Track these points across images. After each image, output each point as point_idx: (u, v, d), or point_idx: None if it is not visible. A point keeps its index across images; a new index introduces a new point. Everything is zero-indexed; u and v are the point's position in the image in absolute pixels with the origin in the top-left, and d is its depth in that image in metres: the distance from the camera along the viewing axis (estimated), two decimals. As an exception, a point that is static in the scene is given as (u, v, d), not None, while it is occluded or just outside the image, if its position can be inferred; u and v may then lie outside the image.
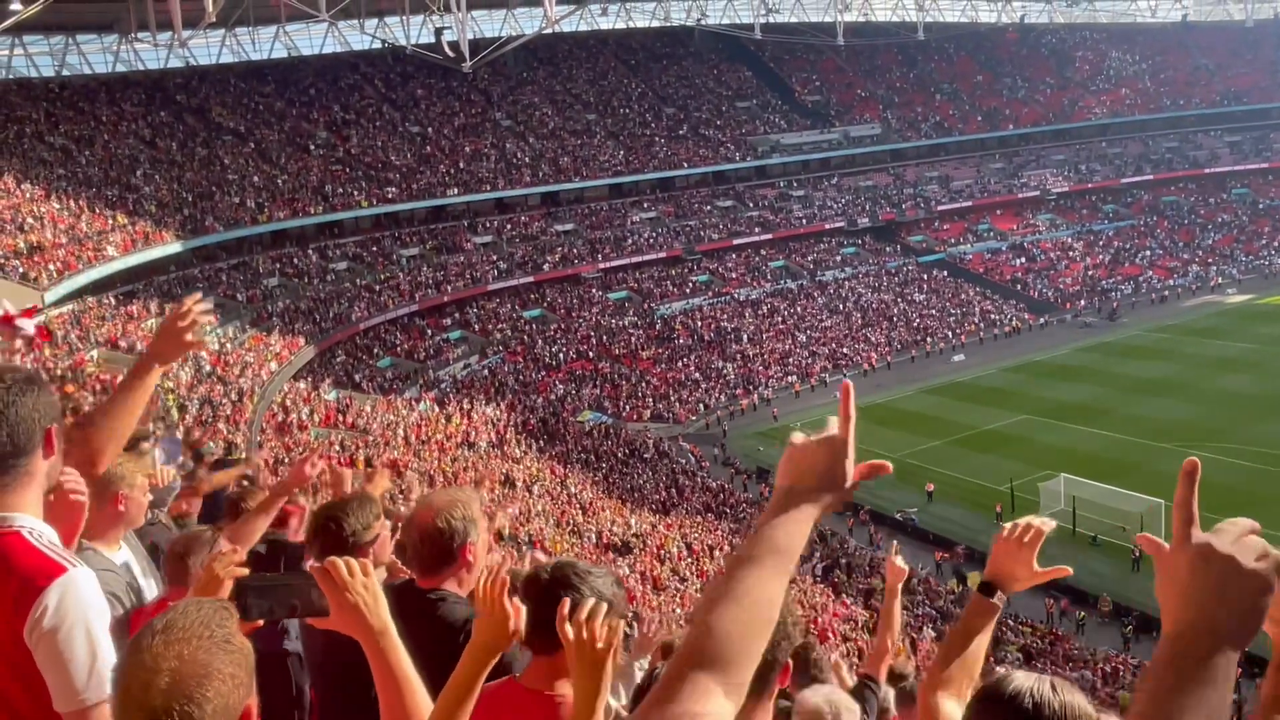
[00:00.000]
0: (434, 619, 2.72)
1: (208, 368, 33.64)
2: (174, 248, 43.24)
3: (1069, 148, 77.37)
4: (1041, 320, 59.50)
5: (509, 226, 60.31)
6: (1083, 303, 62.07)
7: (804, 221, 66.84)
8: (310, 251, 52.50)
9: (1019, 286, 63.95)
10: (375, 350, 47.76)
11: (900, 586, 4.63)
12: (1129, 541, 28.95)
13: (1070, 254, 68.34)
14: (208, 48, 61.77)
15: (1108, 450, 37.16)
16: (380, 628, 2.07)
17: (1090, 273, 66.06)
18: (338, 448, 32.15)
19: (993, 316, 59.78)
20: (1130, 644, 25.21)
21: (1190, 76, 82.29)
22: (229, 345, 37.71)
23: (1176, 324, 56.09)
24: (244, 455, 21.08)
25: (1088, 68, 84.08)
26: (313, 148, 58.58)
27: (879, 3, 77.05)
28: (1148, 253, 68.52)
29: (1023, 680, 1.66)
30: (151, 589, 2.72)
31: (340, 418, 36.06)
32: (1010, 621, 26.36)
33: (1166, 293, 63.13)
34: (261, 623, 2.09)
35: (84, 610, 2.13)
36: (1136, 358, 49.90)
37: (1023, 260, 67.27)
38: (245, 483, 8.18)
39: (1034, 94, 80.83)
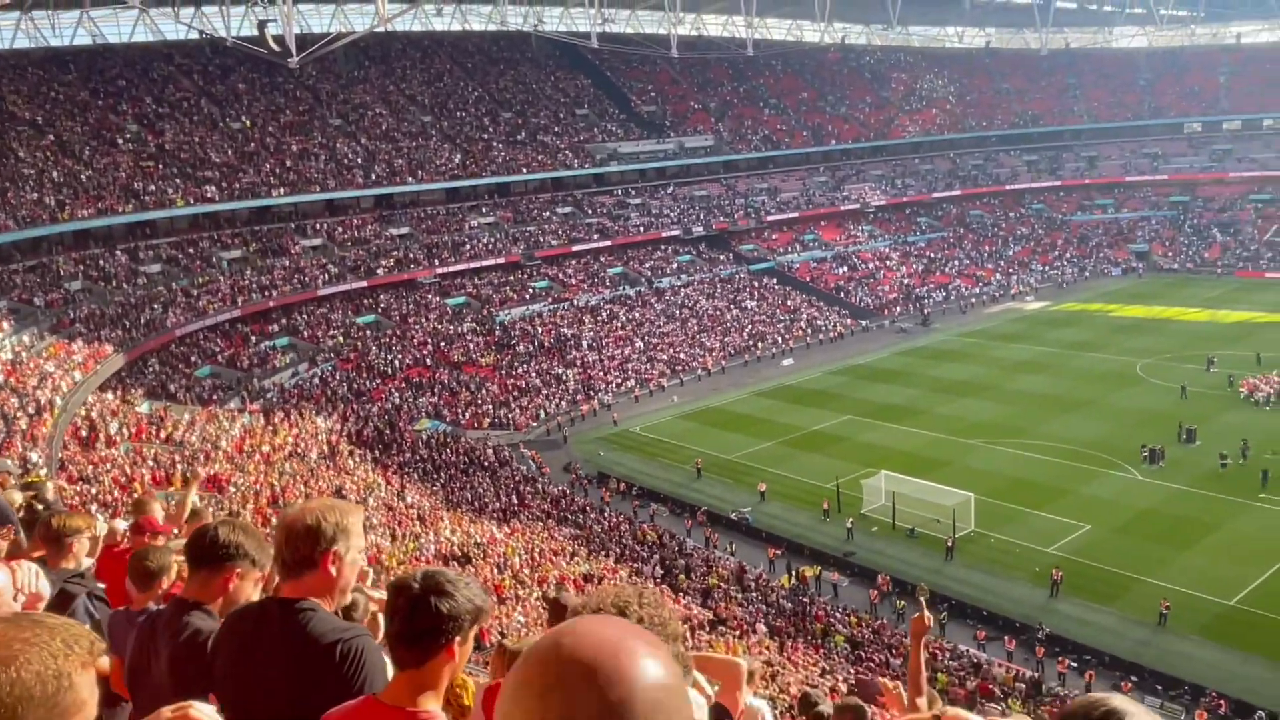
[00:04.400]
0: (301, 634, 2.49)
1: (0, 378, 30.78)
2: (-41, 247, 39.36)
3: (886, 163, 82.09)
4: (862, 325, 62.73)
5: (340, 229, 58.22)
6: (899, 309, 65.87)
7: (641, 229, 67.89)
8: (119, 253, 48.93)
9: (842, 294, 67.19)
10: (193, 359, 45.00)
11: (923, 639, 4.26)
12: (942, 533, 30.90)
13: (887, 263, 72.41)
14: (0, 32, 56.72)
15: (923, 448, 39.43)
16: None
17: (905, 281, 70.20)
18: (151, 463, 30.13)
19: (818, 322, 62.53)
20: (945, 629, 26.90)
21: (993, 99, 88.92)
22: (24, 354, 34.61)
23: (982, 329, 60.29)
24: (44, 473, 19.46)
25: (902, 88, 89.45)
26: (121, 141, 54.64)
27: (710, 18, 79.52)
28: (956, 263, 73.49)
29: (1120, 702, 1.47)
30: None
31: (153, 431, 33.76)
32: (838, 614, 27.63)
33: (973, 300, 67.87)
34: None
35: None
36: (947, 361, 53.26)
37: (845, 269, 70.72)
38: (36, 502, 7.46)
39: (854, 112, 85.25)
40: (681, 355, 55.82)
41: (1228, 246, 73.53)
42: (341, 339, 50.87)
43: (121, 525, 6.72)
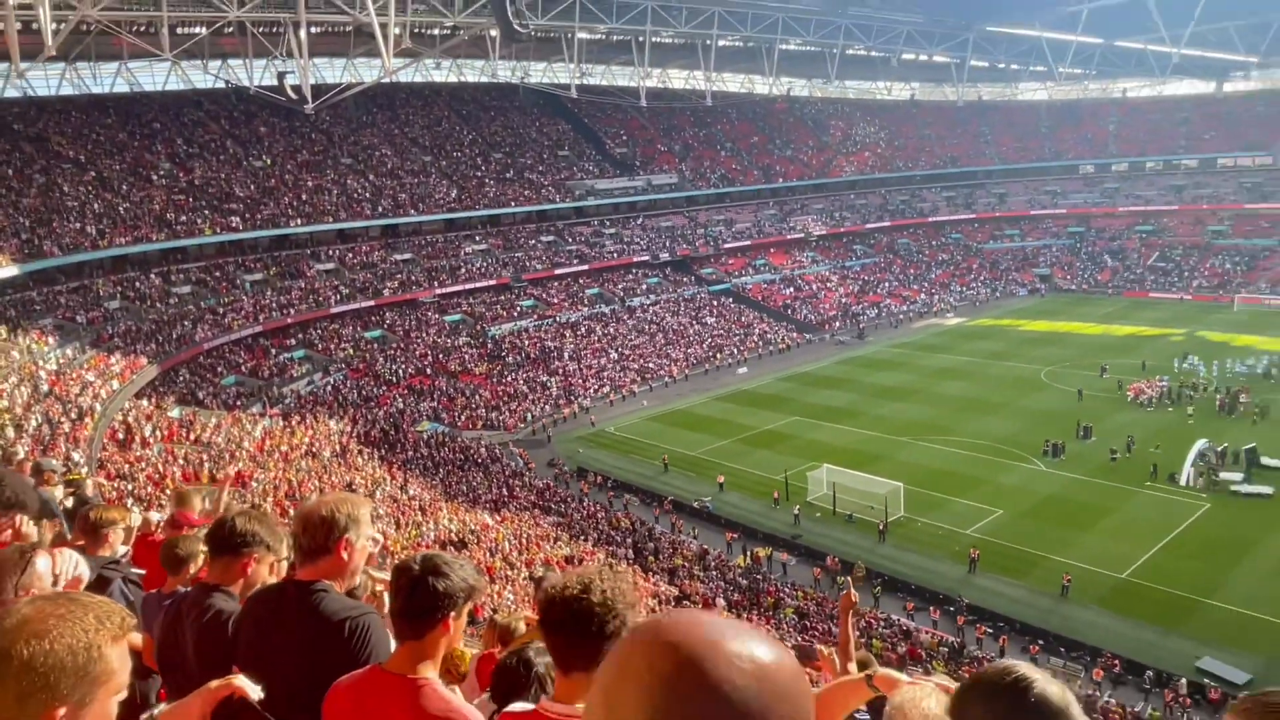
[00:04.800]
0: (315, 612, 2.48)
1: (45, 387, 30.14)
2: (10, 271, 38.51)
3: (826, 199, 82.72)
4: (807, 338, 63.04)
5: (350, 255, 57.67)
6: (838, 324, 66.28)
7: (615, 255, 67.87)
8: (153, 276, 48.12)
9: (789, 311, 67.51)
10: (219, 369, 44.32)
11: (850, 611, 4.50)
12: (876, 518, 31.09)
13: (828, 285, 72.93)
14: (46, 80, 55.80)
15: (860, 444, 39.68)
16: None
17: (843, 300, 70.70)
18: (182, 462, 29.62)
19: (769, 336, 62.78)
20: (879, 601, 27.04)
21: (918, 144, 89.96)
22: (68, 366, 33.94)
23: (909, 341, 60.80)
24: (84, 471, 19.03)
25: (840, 134, 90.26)
26: (155, 178, 53.80)
27: (674, 72, 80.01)
28: (887, 284, 74.15)
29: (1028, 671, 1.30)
30: None
31: (184, 433, 33.20)
32: (787, 589, 27.71)
33: (901, 316, 68.46)
34: None
35: None
36: (880, 369, 53.64)
37: (791, 290, 71.12)
38: (71, 496, 7.24)
39: (799, 154, 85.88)
40: (650, 365, 55.82)
41: (1117, 270, 74.79)
42: (351, 351, 50.35)
43: (155, 516, 6.59)
